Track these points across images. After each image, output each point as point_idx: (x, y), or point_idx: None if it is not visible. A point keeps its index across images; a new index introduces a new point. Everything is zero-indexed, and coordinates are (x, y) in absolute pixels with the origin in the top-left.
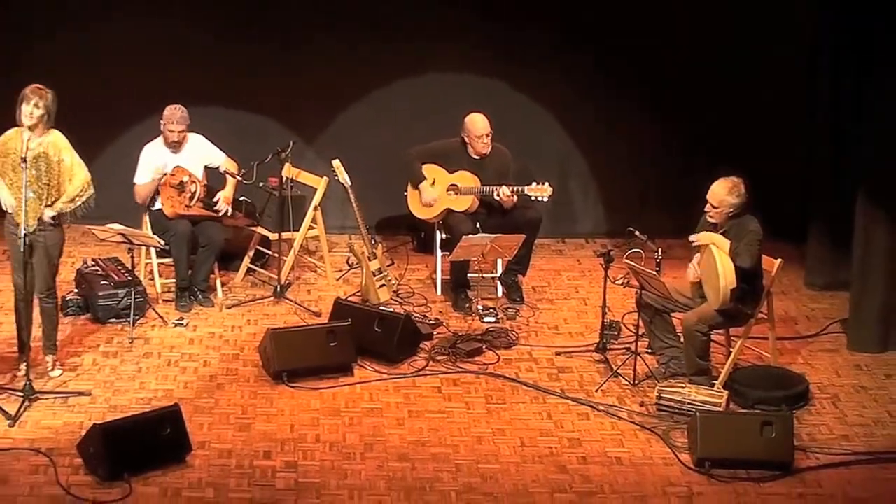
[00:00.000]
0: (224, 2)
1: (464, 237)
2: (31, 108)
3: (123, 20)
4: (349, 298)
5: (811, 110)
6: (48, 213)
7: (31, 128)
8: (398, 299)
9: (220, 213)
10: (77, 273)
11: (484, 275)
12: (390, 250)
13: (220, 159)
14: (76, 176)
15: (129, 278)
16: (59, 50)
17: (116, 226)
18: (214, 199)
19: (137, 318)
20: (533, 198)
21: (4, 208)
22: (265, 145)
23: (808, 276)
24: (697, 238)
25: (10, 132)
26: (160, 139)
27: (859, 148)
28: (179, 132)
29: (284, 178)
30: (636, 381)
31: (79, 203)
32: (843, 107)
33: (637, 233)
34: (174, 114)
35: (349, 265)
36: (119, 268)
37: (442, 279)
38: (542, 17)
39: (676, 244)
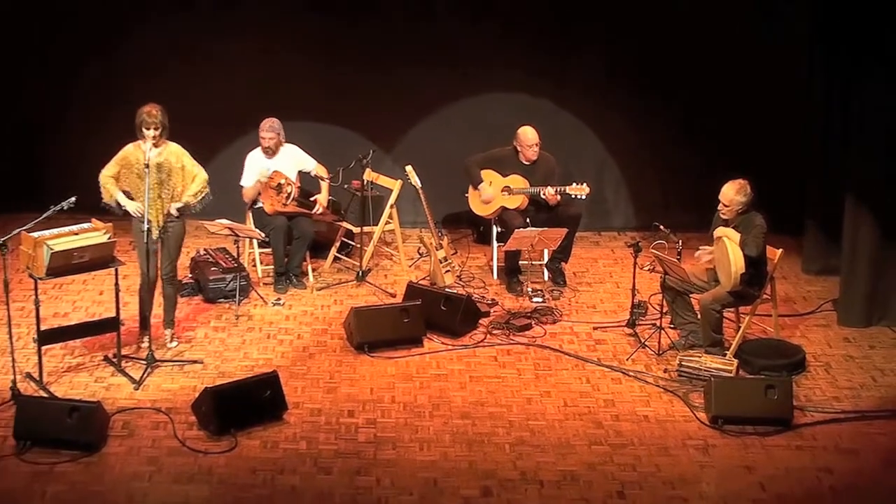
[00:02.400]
0: (318, 36)
1: (516, 230)
2: (152, 131)
3: (229, 48)
4: (420, 282)
5: (807, 117)
6: (175, 206)
7: (154, 144)
8: (461, 283)
9: (314, 212)
10: (191, 261)
11: (533, 262)
12: (454, 241)
13: (311, 165)
14: (197, 176)
15: (235, 265)
16: (173, 74)
17: (224, 221)
18: (312, 199)
19: (242, 298)
20: (573, 196)
21: (134, 215)
22: (349, 153)
23: (804, 263)
24: (717, 234)
25: (129, 147)
26: (260, 147)
27: (847, 152)
28: (269, 139)
29: (365, 181)
30: (660, 352)
31: (199, 198)
32: (833, 114)
33: (661, 227)
34: (265, 124)
35: (420, 254)
36: (227, 256)
37: (497, 266)
38: (582, 49)
39: (694, 237)
